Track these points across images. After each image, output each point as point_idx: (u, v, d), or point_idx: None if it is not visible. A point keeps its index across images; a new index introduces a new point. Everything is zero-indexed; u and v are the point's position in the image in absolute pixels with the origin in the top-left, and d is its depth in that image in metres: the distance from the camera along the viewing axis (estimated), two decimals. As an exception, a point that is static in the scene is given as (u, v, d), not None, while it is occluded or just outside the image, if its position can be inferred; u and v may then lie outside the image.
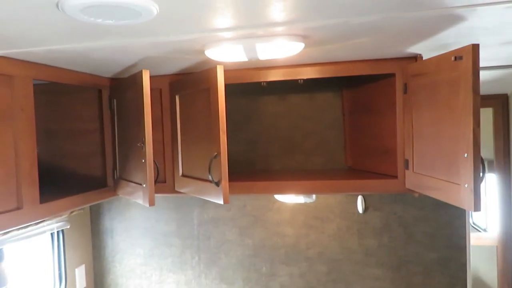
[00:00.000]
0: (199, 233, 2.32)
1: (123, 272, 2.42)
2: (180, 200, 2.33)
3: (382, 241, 2.14)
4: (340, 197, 2.17)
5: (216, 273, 2.31)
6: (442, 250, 2.08)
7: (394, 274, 2.13)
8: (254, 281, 2.27)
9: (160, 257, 2.37)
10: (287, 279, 2.23)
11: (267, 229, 2.24)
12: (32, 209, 1.36)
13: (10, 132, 1.33)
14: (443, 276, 2.08)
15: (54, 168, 1.94)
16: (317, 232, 2.20)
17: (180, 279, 2.36)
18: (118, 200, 2.39)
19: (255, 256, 2.26)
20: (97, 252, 2.44)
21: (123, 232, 2.40)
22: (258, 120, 2.22)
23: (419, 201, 2.08)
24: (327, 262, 2.19)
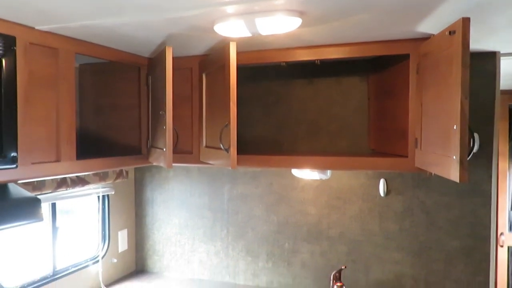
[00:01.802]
0: (229, 207, 2.48)
1: (160, 239, 2.65)
2: (212, 176, 2.50)
3: (403, 225, 2.15)
4: (363, 179, 2.21)
5: (243, 246, 2.45)
6: (464, 239, 2.04)
7: (414, 259, 2.13)
8: (277, 256, 2.38)
9: (193, 228, 2.57)
10: (308, 256, 2.32)
11: (291, 207, 2.34)
12: (69, 163, 1.60)
13: (54, 98, 1.56)
14: (465, 265, 2.05)
15: (101, 139, 2.19)
16: (339, 212, 2.26)
17: (210, 249, 2.53)
18: (159, 174, 2.63)
19: (279, 232, 2.37)
20: (138, 219, 2.70)
21: (162, 203, 2.63)
22: (287, 103, 2.33)
23: (443, 187, 2.07)
24: (347, 242, 2.25)
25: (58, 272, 2.14)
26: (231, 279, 2.49)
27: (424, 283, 2.11)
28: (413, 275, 2.13)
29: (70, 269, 2.21)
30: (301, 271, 2.33)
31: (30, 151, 1.45)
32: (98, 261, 2.38)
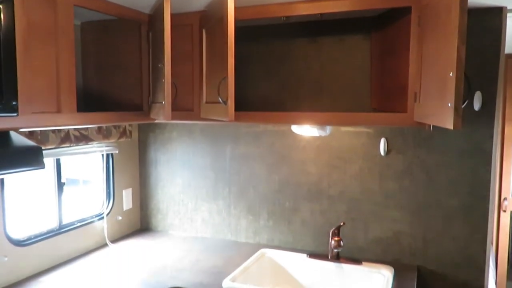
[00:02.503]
0: (231, 167, 2.51)
1: (164, 198, 2.70)
2: (214, 136, 2.52)
3: (403, 184, 2.16)
4: (364, 139, 2.21)
5: (244, 204, 2.49)
6: (463, 198, 2.05)
7: (413, 217, 2.15)
8: (278, 215, 2.42)
9: (196, 187, 2.61)
10: (308, 214, 2.35)
11: (292, 166, 2.36)
12: (69, 114, 1.62)
13: (53, 49, 1.57)
14: (463, 224, 2.06)
15: (103, 97, 2.21)
16: (340, 172, 2.27)
17: (212, 208, 2.58)
18: (162, 134, 2.65)
19: (280, 191, 2.40)
20: (143, 179, 2.74)
21: (166, 163, 2.67)
22: (289, 63, 2.31)
23: (443, 146, 2.06)
24: (347, 201, 2.27)
25: (64, 226, 2.21)
26: (232, 237, 2.55)
27: (422, 240, 2.14)
28: (411, 233, 2.16)
29: (76, 224, 2.28)
30: (301, 229, 2.37)
31: (30, 101, 1.47)
32: (103, 217, 2.44)
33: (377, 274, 2.06)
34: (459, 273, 2.08)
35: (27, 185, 2.33)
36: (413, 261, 2.16)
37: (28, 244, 1.99)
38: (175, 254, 2.31)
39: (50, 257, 2.10)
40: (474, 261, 2.06)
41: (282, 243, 2.42)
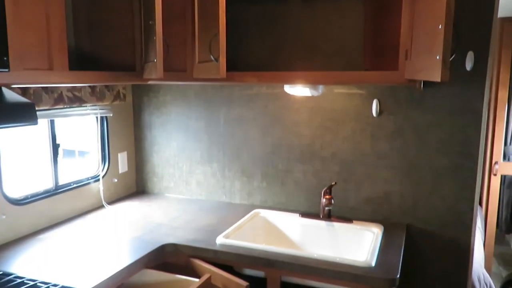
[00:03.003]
0: (225, 130, 2.53)
1: (159, 161, 2.74)
2: (208, 99, 2.53)
3: (394, 145, 2.19)
4: (356, 101, 2.23)
5: (238, 167, 2.53)
6: (453, 157, 2.09)
7: (403, 177, 2.19)
8: (271, 176, 2.46)
9: (191, 150, 2.63)
10: (301, 176, 2.39)
11: (286, 129, 2.39)
12: (61, 72, 1.62)
13: (43, 5, 1.56)
14: (452, 183, 2.11)
15: (96, 58, 2.20)
16: (332, 133, 2.30)
17: (207, 171, 2.62)
18: (156, 98, 2.66)
19: (273, 153, 2.43)
20: (138, 142, 2.77)
21: (160, 126, 2.69)
22: (283, 24, 2.30)
23: (435, 107, 2.08)
24: (339, 162, 2.30)
25: (60, 187, 2.24)
26: (227, 199, 2.59)
27: (411, 199, 2.19)
28: (401, 193, 2.20)
29: (72, 185, 2.31)
30: (294, 190, 2.42)
31: (21, 57, 1.47)
32: (99, 180, 2.48)
33: (367, 231, 2.12)
34: (447, 230, 2.14)
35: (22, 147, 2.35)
36: (403, 220, 2.22)
37: (25, 203, 2.02)
38: (170, 214, 2.36)
39: (48, 216, 2.14)
40: (462, 219, 2.11)
41: (276, 204, 2.47)
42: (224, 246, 1.90)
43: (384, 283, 1.63)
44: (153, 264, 1.89)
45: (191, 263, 1.90)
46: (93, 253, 1.82)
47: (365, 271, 1.67)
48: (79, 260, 1.74)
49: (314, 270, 1.72)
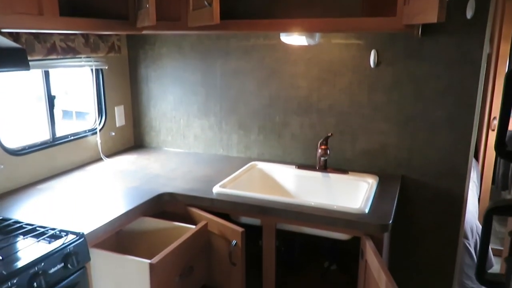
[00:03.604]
0: (221, 83, 2.51)
1: (156, 115, 2.73)
2: (204, 52, 2.49)
3: (392, 96, 2.17)
4: (354, 51, 2.19)
5: (235, 120, 2.53)
6: (450, 108, 2.08)
7: (400, 129, 2.19)
8: (268, 129, 2.46)
9: (188, 104, 2.63)
10: (297, 128, 2.39)
11: (283, 81, 2.36)
12: (51, 18, 1.59)
13: None
14: (448, 134, 2.11)
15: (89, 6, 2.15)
16: (329, 85, 2.28)
17: (204, 124, 2.62)
18: (152, 50, 2.62)
19: (270, 106, 2.42)
20: (134, 96, 2.75)
21: (157, 80, 2.66)
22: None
23: (433, 57, 2.05)
24: (336, 114, 2.30)
25: (57, 139, 2.25)
26: (224, 152, 2.61)
27: (407, 151, 2.20)
28: (397, 144, 2.21)
29: (69, 137, 2.32)
30: (290, 143, 2.43)
31: (11, 0, 1.44)
32: (96, 132, 2.48)
33: (362, 182, 2.14)
34: (441, 181, 2.17)
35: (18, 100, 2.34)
36: (398, 171, 2.24)
37: (23, 153, 2.04)
38: (167, 166, 2.38)
39: (46, 167, 2.16)
40: (456, 170, 2.13)
41: (272, 157, 2.49)
42: (221, 195, 1.93)
43: (376, 229, 1.66)
44: (151, 213, 1.92)
45: (188, 212, 1.94)
46: (91, 202, 1.85)
47: (358, 217, 1.70)
48: (78, 208, 1.78)
49: (309, 217, 1.75)
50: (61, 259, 1.41)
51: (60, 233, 1.49)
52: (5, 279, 1.23)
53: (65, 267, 1.42)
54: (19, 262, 1.31)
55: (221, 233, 1.80)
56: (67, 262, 1.42)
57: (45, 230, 1.50)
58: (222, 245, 1.82)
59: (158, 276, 1.50)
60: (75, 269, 1.47)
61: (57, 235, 1.48)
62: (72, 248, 1.44)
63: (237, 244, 1.74)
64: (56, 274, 1.39)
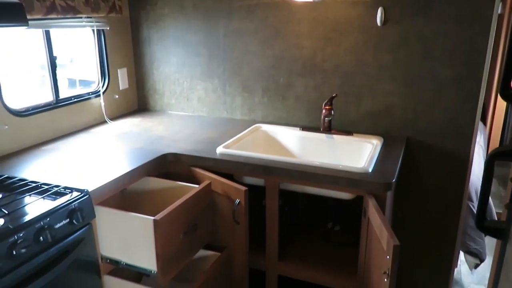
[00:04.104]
0: (224, 44, 2.46)
1: (160, 78, 2.71)
2: (207, 11, 2.44)
3: (398, 55, 2.13)
4: (361, 9, 2.13)
5: (239, 82, 2.50)
6: (458, 67, 2.03)
7: (406, 89, 2.15)
8: (272, 91, 2.43)
9: (191, 66, 2.59)
10: (302, 90, 2.36)
11: (287, 41, 2.32)
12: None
13: None
14: (455, 94, 2.07)
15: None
16: (334, 45, 2.23)
17: (208, 87, 2.59)
18: (153, 11, 2.57)
19: (274, 67, 2.39)
20: (137, 59, 2.72)
21: (159, 41, 2.62)
22: None
23: (442, 14, 1.99)
24: (341, 75, 2.26)
25: (60, 101, 2.24)
26: (228, 115, 2.59)
27: (413, 112, 2.17)
28: (403, 105, 2.18)
29: (72, 99, 2.31)
30: (295, 105, 2.40)
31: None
32: (99, 95, 2.47)
33: (367, 143, 2.13)
34: (447, 142, 2.15)
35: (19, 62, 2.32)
36: (403, 133, 2.22)
37: (27, 115, 2.04)
38: (171, 128, 2.38)
39: (50, 129, 2.17)
40: (462, 131, 2.11)
41: (277, 119, 2.47)
42: (224, 155, 1.93)
43: (379, 187, 1.66)
44: (154, 173, 1.93)
45: (192, 172, 1.95)
46: (95, 161, 1.86)
47: (361, 176, 1.70)
48: (82, 167, 1.79)
49: (312, 176, 1.75)
50: (66, 215, 1.43)
51: (64, 190, 1.50)
52: (11, 232, 1.26)
53: (70, 223, 1.44)
54: (25, 217, 1.33)
55: (224, 192, 1.81)
56: (72, 218, 1.44)
57: (50, 187, 1.51)
58: (226, 204, 1.83)
59: (162, 233, 1.52)
60: (81, 225, 1.49)
61: (61, 192, 1.49)
62: (76, 205, 1.46)
63: (240, 202, 1.75)
64: (62, 229, 1.41)
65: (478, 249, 2.51)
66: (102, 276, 1.67)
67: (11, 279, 1.26)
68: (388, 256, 1.36)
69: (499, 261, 0.86)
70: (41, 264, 1.35)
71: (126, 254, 1.63)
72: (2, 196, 1.47)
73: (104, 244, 1.64)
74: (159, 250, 1.53)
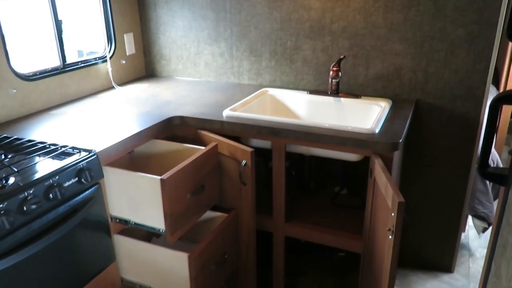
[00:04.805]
0: (231, 6, 2.42)
1: (166, 43, 2.68)
2: (213, -28, 2.39)
3: (409, 15, 2.07)
4: (371, -33, 2.07)
5: (246, 46, 2.46)
6: (470, 26, 1.97)
7: (416, 50, 2.11)
8: (280, 54, 2.40)
9: (197, 30, 2.56)
10: (310, 53, 2.33)
11: (295, 2, 2.26)
12: None
13: None
14: (466, 55, 2.02)
15: None
16: (343, 5, 2.17)
17: (215, 51, 2.56)
18: (159, -27, 2.52)
19: (282, 29, 2.34)
20: (143, 23, 2.69)
21: (164, 5, 2.58)
22: None
23: (455, -30, 1.92)
24: (350, 37, 2.21)
25: (67, 66, 2.24)
26: (236, 79, 2.57)
27: (423, 73, 2.12)
28: (413, 67, 2.14)
29: (79, 64, 2.31)
30: (302, 68, 2.37)
31: None
32: (106, 60, 2.46)
33: (375, 105, 2.10)
34: (457, 104, 2.11)
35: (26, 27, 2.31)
36: (412, 95, 2.18)
37: (34, 79, 2.05)
38: (178, 93, 2.37)
39: (58, 94, 2.18)
40: (473, 92, 2.07)
41: (284, 84, 2.45)
42: (231, 118, 1.93)
43: (386, 147, 1.65)
44: (161, 137, 1.94)
45: (198, 135, 1.95)
46: (103, 124, 1.87)
47: (368, 137, 1.69)
48: (90, 130, 1.80)
49: (318, 137, 1.75)
50: (74, 174, 1.45)
51: (72, 151, 1.52)
52: (22, 189, 1.28)
53: (79, 182, 1.46)
54: (34, 175, 1.35)
55: (231, 154, 1.82)
56: (81, 177, 1.46)
57: (57, 147, 1.53)
58: (233, 166, 1.84)
59: (170, 192, 1.54)
60: (89, 185, 1.52)
61: (69, 153, 1.51)
62: (85, 164, 1.48)
63: (247, 164, 1.76)
64: (71, 188, 1.44)
65: (487, 212, 2.50)
66: (112, 235, 1.71)
67: (24, 233, 1.30)
68: (393, 213, 1.36)
69: (501, 207, 0.86)
70: (52, 221, 1.39)
71: (135, 214, 1.66)
72: (11, 156, 1.49)
73: (113, 204, 1.68)
74: (167, 209, 1.56)
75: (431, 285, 2.36)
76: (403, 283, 2.37)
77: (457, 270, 2.47)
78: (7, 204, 1.23)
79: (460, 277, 2.43)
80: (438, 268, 2.47)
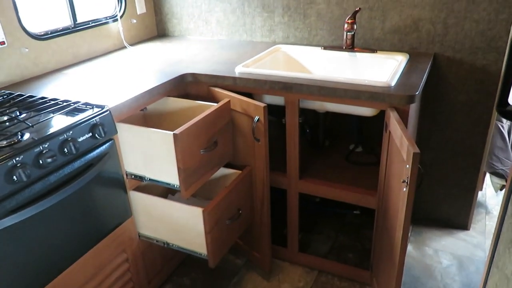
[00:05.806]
0: (242, -40, 2.34)
1: (177, 1, 2.63)
2: None
3: (428, -37, 1.97)
4: None
5: (258, 1, 2.40)
6: (494, -28, 1.87)
7: (435, 0, 2.02)
8: (293, 10, 2.33)
9: (208, -14, 2.50)
10: (324, 7, 2.25)
11: (308, -47, 2.18)
12: None
13: None
14: (489, 3, 1.92)
15: None
16: (359, -45, 2.08)
17: (226, 8, 2.50)
18: None
19: (295, -17, 2.27)
20: (153, -19, 2.64)
21: (174, -39, 2.52)
22: None
23: None
24: (365, -12, 2.13)
25: (78, 25, 2.22)
26: (248, 37, 2.52)
27: (442, 25, 2.04)
28: (431, 18, 2.05)
29: (90, 23, 2.29)
30: (316, 23, 2.30)
31: None
32: (117, 20, 2.43)
33: (391, 60, 2.04)
34: (477, 57, 2.04)
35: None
36: (430, 49, 2.11)
37: (46, 38, 2.04)
38: (190, 52, 2.34)
39: (70, 53, 2.17)
40: (495, 43, 1.98)
41: (298, 40, 2.39)
42: (243, 74, 1.90)
43: (402, 100, 1.61)
44: (174, 94, 1.93)
45: (211, 92, 1.94)
46: (115, 82, 1.86)
47: (383, 90, 1.64)
48: (103, 88, 1.80)
49: (332, 91, 1.71)
50: (88, 129, 1.46)
51: (85, 107, 1.53)
52: (37, 143, 1.30)
53: (93, 137, 1.47)
54: (49, 129, 1.37)
55: (243, 110, 1.81)
56: (95, 132, 1.47)
57: (69, 103, 1.54)
58: (245, 122, 1.83)
59: (183, 147, 1.55)
60: (103, 140, 1.53)
61: (82, 109, 1.52)
62: (98, 120, 1.49)
63: (260, 119, 1.75)
64: (85, 143, 1.45)
65: (505, 169, 2.46)
66: (128, 191, 1.74)
67: (41, 186, 1.32)
68: (408, 165, 1.34)
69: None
70: (68, 175, 1.41)
71: (150, 170, 1.68)
72: (26, 113, 1.51)
73: (128, 161, 1.69)
74: (180, 164, 1.57)
75: (446, 242, 2.35)
76: (417, 240, 2.37)
77: (473, 228, 2.46)
78: (23, 157, 1.25)
79: (476, 234, 2.42)
80: (453, 225, 2.46)
